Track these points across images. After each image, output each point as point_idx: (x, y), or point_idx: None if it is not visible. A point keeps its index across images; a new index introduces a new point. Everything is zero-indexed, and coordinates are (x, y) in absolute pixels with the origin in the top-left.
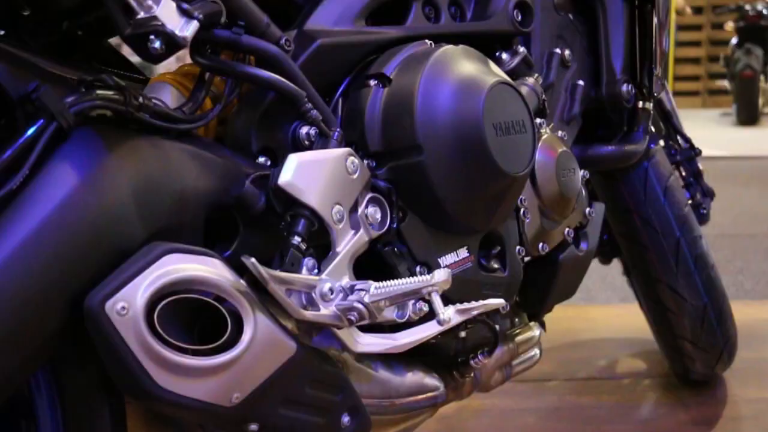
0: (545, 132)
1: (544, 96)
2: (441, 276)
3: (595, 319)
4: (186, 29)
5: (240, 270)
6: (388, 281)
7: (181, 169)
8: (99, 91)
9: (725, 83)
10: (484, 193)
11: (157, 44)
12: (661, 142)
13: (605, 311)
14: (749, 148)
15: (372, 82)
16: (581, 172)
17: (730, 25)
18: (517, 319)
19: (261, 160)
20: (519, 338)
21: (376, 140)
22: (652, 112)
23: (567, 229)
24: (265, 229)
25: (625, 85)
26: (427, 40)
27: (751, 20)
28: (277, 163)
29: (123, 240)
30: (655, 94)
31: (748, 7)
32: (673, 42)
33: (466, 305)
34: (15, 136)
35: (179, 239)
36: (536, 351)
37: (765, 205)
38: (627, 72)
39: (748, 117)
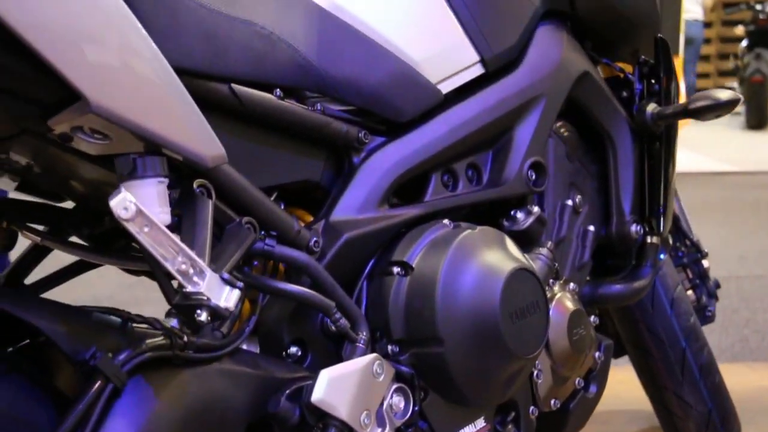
0: (557, 290)
1: (556, 264)
2: None
3: None
4: (229, 299)
5: None
6: None
7: (222, 395)
8: (148, 341)
9: (734, 85)
10: (500, 376)
11: (203, 317)
12: (670, 241)
13: (612, 376)
14: (759, 159)
15: (395, 270)
16: (591, 318)
17: (740, 29)
18: None
19: (292, 350)
20: None
21: (399, 329)
22: (660, 245)
23: (578, 378)
24: None
25: (634, 226)
26: (446, 221)
27: (762, 24)
28: (308, 352)
29: None
30: (663, 234)
31: (759, 7)
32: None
33: None
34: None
35: None
36: None
37: None
38: (636, 211)
39: (757, 121)
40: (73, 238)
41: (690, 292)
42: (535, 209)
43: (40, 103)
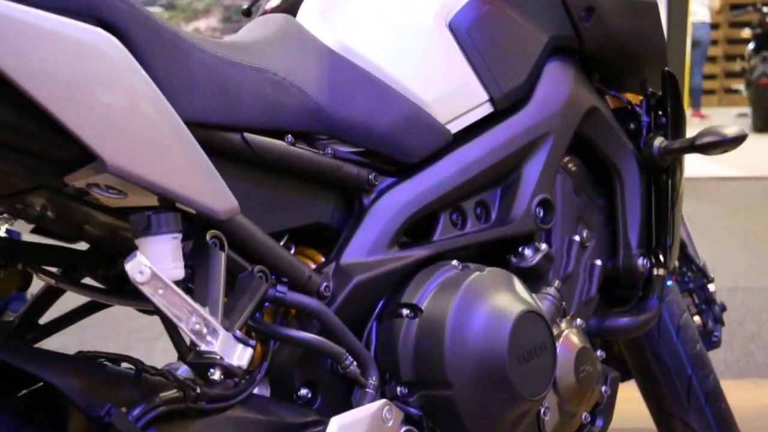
0: (564, 327)
1: (563, 303)
2: None
3: None
4: (242, 358)
5: None
6: None
7: None
8: (162, 394)
9: (741, 87)
10: (507, 418)
11: (216, 376)
12: (676, 264)
13: (618, 393)
14: (766, 163)
15: (404, 312)
16: (598, 353)
17: (747, 32)
18: None
19: (303, 392)
20: None
21: (408, 371)
22: (666, 276)
23: (584, 413)
24: None
25: (641, 259)
26: (455, 262)
27: None
28: (318, 394)
29: None
30: (669, 266)
31: (766, 9)
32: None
33: None
34: None
35: None
36: None
37: None
38: (643, 245)
39: (764, 124)
40: (87, 280)
41: (696, 317)
42: (543, 246)
43: (56, 161)
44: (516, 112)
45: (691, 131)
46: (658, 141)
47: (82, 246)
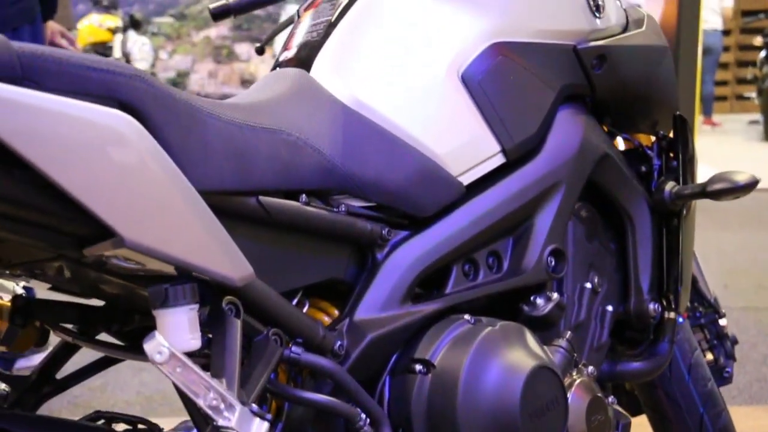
0: (575, 376)
1: (576, 355)
2: None
3: None
4: None
5: None
6: None
7: None
8: None
9: (753, 95)
10: None
11: None
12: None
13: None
14: None
15: (417, 368)
16: (609, 399)
17: (759, 40)
18: None
19: None
20: None
21: (421, 427)
22: (677, 319)
23: None
24: None
25: (652, 304)
26: (467, 316)
27: None
28: None
29: None
30: (680, 311)
31: None
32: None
33: None
34: None
35: None
36: None
37: None
38: (654, 289)
39: None
40: (104, 335)
41: (707, 353)
42: (555, 296)
43: (76, 236)
44: (528, 162)
45: (703, 140)
46: (669, 186)
47: (98, 302)
